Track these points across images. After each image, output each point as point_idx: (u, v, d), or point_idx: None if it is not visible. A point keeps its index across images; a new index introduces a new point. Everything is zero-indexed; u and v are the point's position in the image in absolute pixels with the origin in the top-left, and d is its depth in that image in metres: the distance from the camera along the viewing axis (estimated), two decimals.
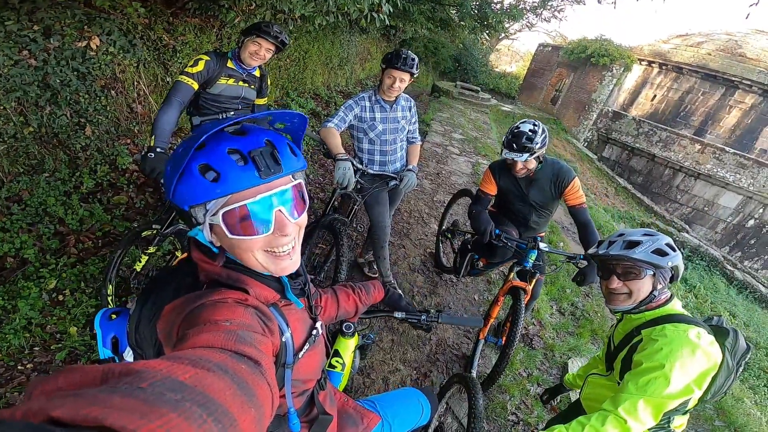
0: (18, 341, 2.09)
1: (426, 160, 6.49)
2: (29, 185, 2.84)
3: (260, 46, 2.29)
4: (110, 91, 3.37)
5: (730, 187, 13.34)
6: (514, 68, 32.51)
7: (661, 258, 1.32)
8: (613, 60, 14.83)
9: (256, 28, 2.25)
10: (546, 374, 2.93)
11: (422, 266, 3.66)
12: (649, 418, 1.19)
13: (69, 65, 2.97)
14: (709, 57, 14.83)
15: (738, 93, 14.46)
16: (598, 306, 3.98)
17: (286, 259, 0.77)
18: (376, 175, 2.64)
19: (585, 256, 2.25)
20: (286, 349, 0.80)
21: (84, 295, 2.43)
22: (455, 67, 21.77)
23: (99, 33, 3.13)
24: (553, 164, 2.41)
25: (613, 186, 13.54)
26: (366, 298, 1.32)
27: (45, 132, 2.97)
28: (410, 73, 2.38)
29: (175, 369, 0.42)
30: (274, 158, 0.70)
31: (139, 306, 0.81)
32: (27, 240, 2.57)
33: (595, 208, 8.45)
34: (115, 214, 3.05)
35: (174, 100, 2.11)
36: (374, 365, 2.53)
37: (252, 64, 2.38)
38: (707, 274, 9.67)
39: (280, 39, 2.29)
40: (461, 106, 12.54)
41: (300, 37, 6.17)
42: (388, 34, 11.27)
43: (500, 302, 2.50)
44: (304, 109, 6.25)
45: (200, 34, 4.21)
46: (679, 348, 1.20)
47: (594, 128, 16.07)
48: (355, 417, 1.21)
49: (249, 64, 2.37)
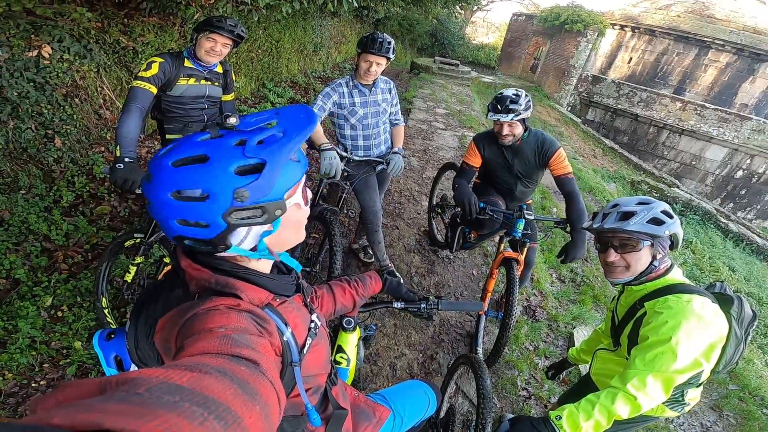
0: (26, 360, 2.09)
1: (411, 137, 6.43)
2: (7, 204, 2.75)
3: (215, 41, 2.17)
4: (73, 99, 3.23)
5: (715, 141, 13.69)
6: (491, 39, 32.08)
7: (658, 227, 1.28)
8: (586, 26, 15.06)
9: (208, 23, 2.12)
10: (552, 346, 2.95)
11: (418, 246, 3.63)
12: (660, 393, 1.17)
13: (23, 76, 2.83)
14: (679, 19, 15.46)
15: (711, 52, 15.17)
16: (598, 270, 3.99)
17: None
18: (362, 160, 2.59)
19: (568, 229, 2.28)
20: (290, 348, 0.79)
21: (82, 310, 2.41)
22: (432, 43, 21.55)
23: (49, 41, 2.98)
24: (537, 135, 2.45)
25: (600, 147, 13.61)
26: (363, 290, 1.30)
27: (13, 147, 2.85)
28: (386, 58, 2.34)
29: (171, 374, 0.41)
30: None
31: (133, 323, 0.82)
32: (15, 260, 2.53)
33: (584, 170, 8.45)
34: (100, 225, 2.98)
35: (132, 107, 2.01)
36: (380, 352, 2.52)
37: (210, 61, 2.26)
38: (702, 228, 9.71)
39: (236, 33, 2.17)
40: (442, 81, 12.38)
41: (269, 26, 5.98)
42: (360, 16, 10.98)
43: (495, 275, 2.50)
44: (283, 98, 6.11)
45: (161, 33, 4.04)
46: (684, 320, 1.17)
47: (575, 93, 16.28)
48: (367, 411, 1.21)
49: (207, 61, 2.25)
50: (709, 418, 2.78)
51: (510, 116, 2.25)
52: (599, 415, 1.17)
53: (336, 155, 2.27)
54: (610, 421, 1.17)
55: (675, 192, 10.81)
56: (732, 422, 2.80)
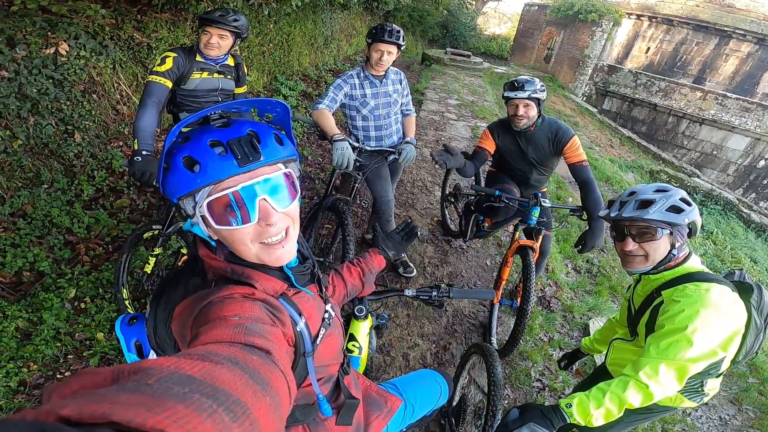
0: (51, 351, 2.13)
1: (424, 128, 6.40)
2: (30, 198, 2.82)
3: (210, 34, 2.18)
4: (91, 95, 3.29)
5: (737, 130, 13.38)
6: (503, 30, 31.50)
7: (677, 215, 1.25)
8: (601, 15, 14.77)
9: (202, 18, 2.16)
10: (567, 337, 2.91)
11: (431, 236, 3.63)
12: (673, 382, 1.15)
13: (42, 73, 2.89)
14: (698, 9, 15.18)
15: (732, 42, 14.92)
16: (615, 261, 3.92)
17: (278, 248, 0.76)
18: (374, 151, 2.59)
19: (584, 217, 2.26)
20: (303, 338, 0.80)
21: (104, 301, 2.47)
22: (443, 34, 21.29)
23: (65, 38, 3.04)
24: (551, 123, 2.43)
25: (617, 137, 13.32)
26: (367, 264, 1.30)
27: (35, 143, 2.92)
28: (397, 45, 2.34)
29: (182, 364, 0.42)
30: (253, 147, 0.70)
31: (152, 309, 0.84)
32: (39, 253, 2.60)
33: (600, 160, 8.27)
34: (120, 217, 3.05)
35: (149, 102, 2.06)
36: (392, 342, 2.53)
37: (210, 54, 2.28)
38: (723, 218, 9.41)
39: (229, 24, 2.17)
40: (454, 72, 12.25)
41: (279, 20, 5.99)
42: (370, 7, 10.88)
43: (509, 263, 2.48)
44: (295, 91, 6.12)
45: (174, 29, 4.08)
46: (702, 309, 1.14)
47: (591, 83, 16.00)
48: (378, 400, 1.22)
49: (208, 54, 2.27)
50: (728, 412, 2.72)
51: (526, 93, 2.25)
52: (610, 404, 1.15)
53: (348, 146, 2.28)
54: (621, 410, 1.16)
55: (696, 182, 10.51)
56: (751, 416, 2.74)
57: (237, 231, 0.71)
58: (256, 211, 0.71)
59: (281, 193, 0.74)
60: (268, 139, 0.73)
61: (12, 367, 2.01)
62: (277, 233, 0.75)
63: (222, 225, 0.71)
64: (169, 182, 0.71)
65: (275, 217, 0.73)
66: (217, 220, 0.70)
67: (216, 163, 0.67)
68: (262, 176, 0.71)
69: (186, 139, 0.71)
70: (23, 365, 2.05)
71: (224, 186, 0.68)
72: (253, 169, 0.70)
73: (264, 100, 0.75)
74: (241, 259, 0.77)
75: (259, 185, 0.70)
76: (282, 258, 0.77)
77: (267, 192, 0.71)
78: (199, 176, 0.67)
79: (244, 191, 0.69)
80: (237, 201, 0.69)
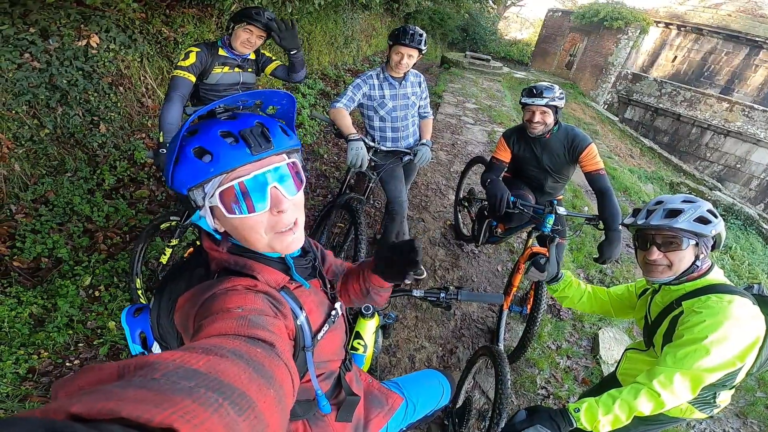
0: (62, 338, 2.15)
1: (440, 131, 6.38)
2: (53, 186, 2.90)
3: (251, 33, 2.21)
4: (118, 87, 3.39)
5: (763, 144, 12.90)
6: (525, 35, 31.23)
7: (705, 226, 1.24)
8: (627, 23, 14.52)
9: (246, 14, 2.17)
10: (576, 346, 2.88)
11: (443, 239, 3.62)
12: (686, 392, 1.14)
13: (72, 65, 2.98)
14: (730, 18, 14.64)
15: (763, 52, 14.31)
16: (628, 272, 3.86)
17: (289, 235, 0.77)
18: (389, 151, 2.60)
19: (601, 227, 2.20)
20: (303, 332, 0.80)
21: (118, 290, 2.49)
22: (463, 38, 21.24)
23: (97, 31, 3.13)
24: (567, 130, 2.39)
25: (638, 147, 13.04)
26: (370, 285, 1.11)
27: (61, 133, 3.02)
28: (418, 50, 2.34)
29: (188, 358, 0.42)
30: (264, 136, 0.71)
31: (156, 300, 0.84)
32: (58, 240, 2.64)
33: (620, 170, 8.12)
34: (138, 208, 3.11)
35: (174, 95, 2.11)
36: (399, 343, 2.54)
37: (244, 52, 2.31)
38: (743, 233, 9.15)
39: (270, 26, 2.20)
40: (473, 76, 12.18)
41: (301, 18, 6.05)
42: (391, 9, 10.91)
43: (521, 270, 2.45)
44: (313, 90, 6.18)
45: (200, 24, 4.17)
46: (723, 320, 1.14)
47: (613, 91, 15.67)
48: (380, 398, 1.22)
49: (241, 52, 2.30)
50: (733, 425, 2.67)
51: (544, 101, 2.22)
52: (619, 410, 1.15)
53: (362, 146, 2.29)
54: (629, 417, 1.15)
55: (716, 195, 10.24)
56: (756, 430, 2.68)
57: (249, 219, 0.72)
58: (267, 199, 0.72)
59: (288, 182, 0.75)
60: (275, 129, 0.75)
61: (23, 354, 2.02)
62: (289, 223, 0.76)
63: (233, 213, 0.71)
64: (178, 174, 0.71)
65: (286, 203, 0.74)
66: (228, 209, 0.70)
67: (228, 152, 0.68)
68: (272, 165, 0.72)
69: (193, 132, 0.71)
70: (34, 352, 2.06)
71: (236, 175, 0.69)
72: (265, 157, 0.71)
73: (270, 91, 0.77)
74: (244, 250, 0.78)
75: (270, 173, 0.72)
76: (293, 244, 0.78)
77: (277, 180, 0.73)
78: (212, 165, 0.68)
79: (256, 179, 0.71)
80: (250, 189, 0.70)
